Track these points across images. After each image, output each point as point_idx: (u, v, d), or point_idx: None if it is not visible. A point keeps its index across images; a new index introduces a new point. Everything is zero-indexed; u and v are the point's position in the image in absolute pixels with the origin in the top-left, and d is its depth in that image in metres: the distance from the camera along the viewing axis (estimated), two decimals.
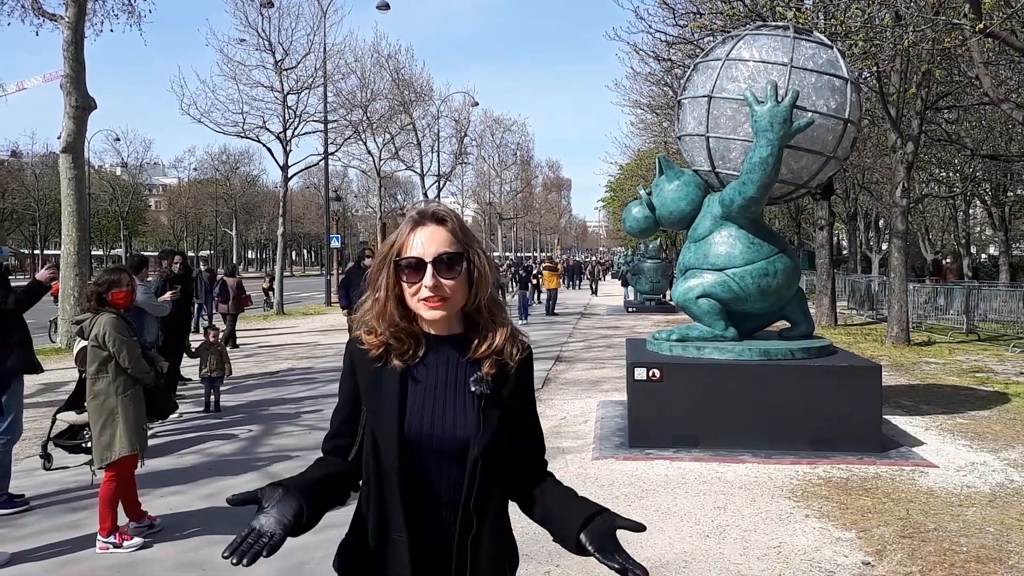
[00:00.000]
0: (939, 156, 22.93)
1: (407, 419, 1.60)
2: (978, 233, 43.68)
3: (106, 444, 4.44)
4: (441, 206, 1.69)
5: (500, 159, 65.14)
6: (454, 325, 1.67)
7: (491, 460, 1.59)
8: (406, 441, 1.59)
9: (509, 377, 1.66)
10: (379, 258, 1.67)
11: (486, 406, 1.61)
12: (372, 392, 1.65)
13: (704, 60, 7.31)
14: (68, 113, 13.01)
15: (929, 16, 9.17)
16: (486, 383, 1.61)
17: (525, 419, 1.74)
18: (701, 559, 4.25)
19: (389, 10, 27.50)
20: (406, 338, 1.64)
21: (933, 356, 12.77)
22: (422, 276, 1.58)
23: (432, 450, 1.59)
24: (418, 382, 1.64)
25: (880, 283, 20.38)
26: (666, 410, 6.53)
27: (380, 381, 1.64)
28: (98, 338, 4.51)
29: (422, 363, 1.65)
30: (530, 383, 1.75)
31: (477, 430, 1.59)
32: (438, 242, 1.60)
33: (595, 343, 15.03)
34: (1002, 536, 4.56)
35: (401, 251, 1.62)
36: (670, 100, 20.43)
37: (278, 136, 27.52)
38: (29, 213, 51.61)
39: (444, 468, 1.60)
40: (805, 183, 7.16)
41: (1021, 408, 8.35)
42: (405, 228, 1.65)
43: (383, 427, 1.61)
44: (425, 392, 1.63)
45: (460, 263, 1.61)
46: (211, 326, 8.93)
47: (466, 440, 1.59)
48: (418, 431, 1.60)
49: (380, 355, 1.64)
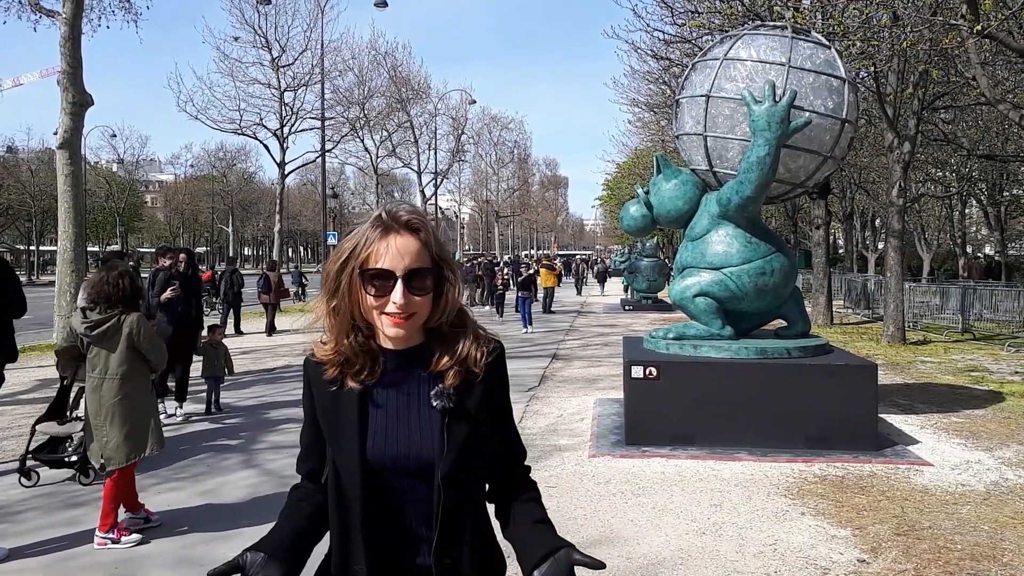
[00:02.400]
0: (936, 156, 22.99)
1: (368, 444, 1.49)
2: (974, 233, 43.80)
3: (134, 443, 4.43)
4: (414, 211, 1.53)
5: (497, 157, 65.18)
6: (414, 337, 1.54)
7: (459, 478, 1.49)
8: (369, 467, 1.49)
9: (475, 386, 1.53)
10: (338, 261, 1.50)
11: (450, 422, 1.49)
12: (329, 417, 1.54)
13: (702, 59, 7.32)
14: (65, 109, 12.98)
15: (927, 17, 9.20)
16: (448, 396, 1.50)
17: (499, 425, 1.62)
18: (697, 556, 4.27)
19: (387, 7, 27.47)
20: (362, 354, 1.52)
21: (929, 355, 12.81)
22: (390, 290, 1.44)
23: (397, 473, 1.50)
24: (378, 404, 1.52)
25: (876, 282, 20.44)
26: (663, 408, 6.55)
27: (337, 405, 1.53)
28: (132, 337, 4.48)
29: (381, 382, 1.53)
30: (503, 386, 1.63)
31: (441, 449, 1.48)
32: (411, 255, 1.46)
33: (592, 341, 15.05)
34: (996, 534, 4.59)
35: (368, 260, 1.46)
36: (668, 99, 20.46)
37: (275, 133, 27.50)
38: (25, 209, 51.40)
39: (411, 490, 1.50)
40: (802, 182, 7.19)
41: (1016, 407, 8.39)
42: (373, 232, 1.48)
43: (344, 454, 1.51)
44: (386, 413, 1.52)
45: (431, 278, 1.48)
46: (215, 325, 8.67)
47: (431, 460, 1.48)
48: (381, 455, 1.49)
49: (336, 376, 1.52)
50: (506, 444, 1.66)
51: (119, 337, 4.48)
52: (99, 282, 4.53)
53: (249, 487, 5.43)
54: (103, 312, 4.50)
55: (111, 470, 4.42)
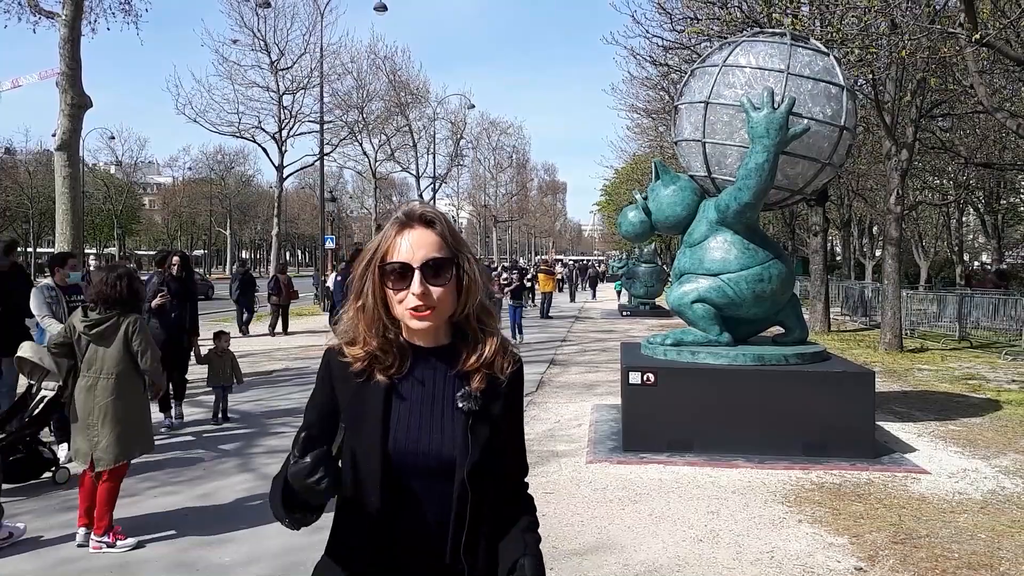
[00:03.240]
0: (933, 164, 23.03)
1: (391, 436, 1.51)
2: (971, 240, 43.89)
3: (126, 444, 4.44)
4: (429, 207, 1.58)
5: (496, 162, 65.16)
6: (441, 336, 1.58)
7: (480, 479, 1.50)
8: (389, 460, 1.50)
9: (499, 392, 1.57)
10: (362, 263, 1.55)
11: (474, 423, 1.52)
12: (354, 408, 1.55)
13: (701, 66, 7.34)
14: (64, 111, 12.96)
15: (925, 25, 9.23)
16: (475, 399, 1.52)
17: (511, 437, 1.64)
18: (694, 563, 4.26)
19: (386, 11, 27.51)
20: (391, 350, 1.54)
21: (926, 363, 12.82)
22: (409, 282, 1.48)
23: (417, 469, 1.51)
24: (403, 398, 1.54)
25: (873, 289, 20.46)
26: (660, 414, 6.54)
27: (363, 396, 1.54)
28: (128, 336, 4.51)
29: (407, 377, 1.55)
30: (520, 399, 1.66)
31: (465, 449, 1.50)
32: (427, 246, 1.50)
33: (589, 347, 15.04)
34: (993, 543, 4.59)
35: (387, 255, 1.51)
36: (667, 105, 20.50)
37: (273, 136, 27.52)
38: (22, 211, 51.43)
39: (430, 488, 1.51)
40: (800, 189, 7.20)
41: (1013, 415, 8.39)
42: (391, 230, 1.53)
43: (364, 444, 1.52)
44: (411, 408, 1.53)
45: (449, 269, 1.51)
46: (221, 332, 8.25)
47: (452, 459, 1.50)
48: (403, 449, 1.50)
49: (363, 369, 1.54)
50: (515, 455, 1.68)
51: (115, 337, 4.49)
52: (99, 282, 4.56)
53: (246, 491, 5.41)
54: (102, 312, 4.52)
55: (99, 471, 4.40)
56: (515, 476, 1.70)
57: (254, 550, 4.42)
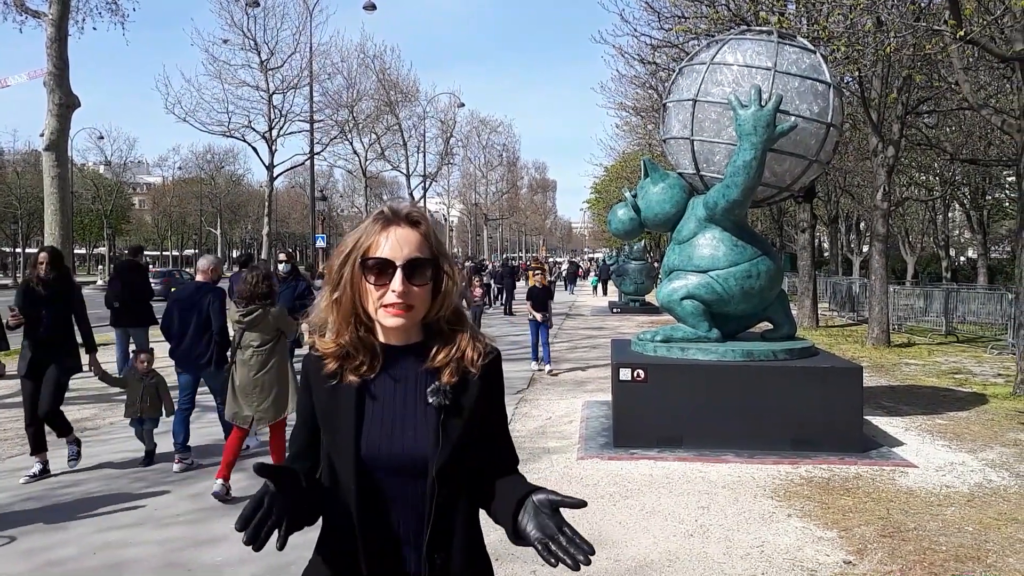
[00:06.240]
0: (919, 160, 23.17)
1: (364, 437, 1.51)
2: (957, 236, 44.20)
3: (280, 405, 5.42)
4: (415, 207, 1.58)
5: (486, 160, 65.27)
6: (413, 334, 1.57)
7: (453, 475, 1.50)
8: (362, 460, 1.50)
9: (471, 385, 1.54)
10: (341, 255, 1.53)
11: (445, 418, 1.50)
12: (328, 410, 1.55)
13: (689, 64, 7.37)
14: (51, 111, 12.91)
15: (910, 22, 9.28)
16: (444, 393, 1.51)
17: (493, 431, 1.63)
18: (685, 558, 4.30)
19: (376, 10, 27.45)
20: (362, 348, 1.54)
21: (913, 357, 12.92)
22: (390, 279, 1.47)
23: (392, 469, 1.50)
24: (375, 397, 1.54)
25: (861, 285, 20.59)
26: (650, 410, 6.58)
27: (336, 398, 1.54)
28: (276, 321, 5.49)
29: (379, 377, 1.55)
30: (499, 390, 1.64)
31: (436, 446, 1.49)
32: (411, 245, 1.50)
33: (580, 344, 15.08)
34: (980, 535, 4.64)
35: (369, 250, 1.50)
36: (655, 103, 20.55)
37: (263, 135, 27.43)
38: (10, 211, 50.99)
39: (404, 486, 1.51)
40: (788, 186, 7.25)
41: (999, 409, 8.48)
42: (374, 226, 1.52)
43: (339, 446, 1.52)
44: (383, 407, 1.53)
45: (430, 270, 1.51)
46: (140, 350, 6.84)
47: (425, 456, 1.49)
48: (375, 451, 1.50)
49: (335, 370, 1.54)
50: (500, 451, 1.67)
51: (266, 323, 5.46)
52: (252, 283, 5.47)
53: (238, 490, 5.41)
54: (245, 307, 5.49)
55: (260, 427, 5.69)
56: (506, 465, 1.68)
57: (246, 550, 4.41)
